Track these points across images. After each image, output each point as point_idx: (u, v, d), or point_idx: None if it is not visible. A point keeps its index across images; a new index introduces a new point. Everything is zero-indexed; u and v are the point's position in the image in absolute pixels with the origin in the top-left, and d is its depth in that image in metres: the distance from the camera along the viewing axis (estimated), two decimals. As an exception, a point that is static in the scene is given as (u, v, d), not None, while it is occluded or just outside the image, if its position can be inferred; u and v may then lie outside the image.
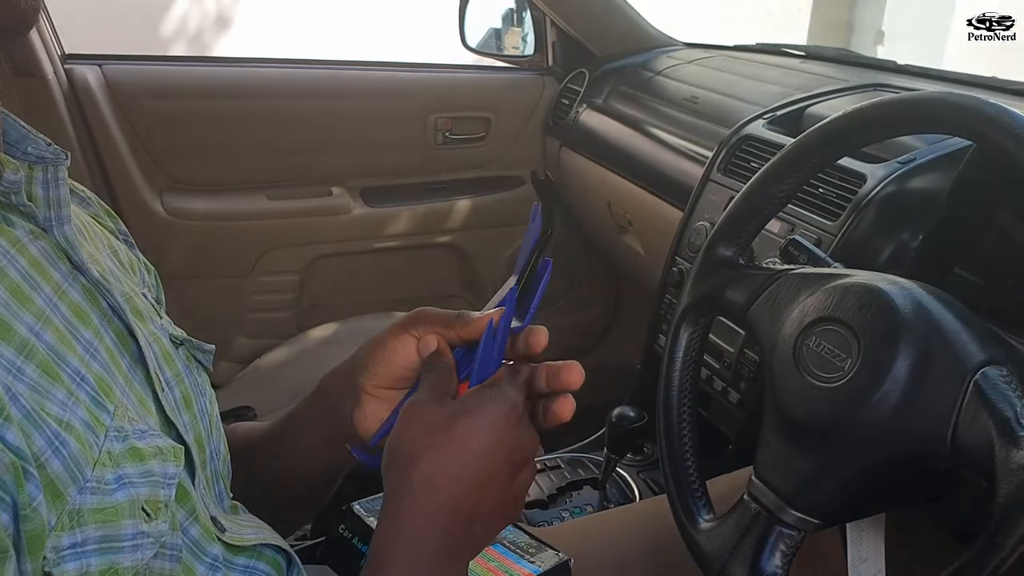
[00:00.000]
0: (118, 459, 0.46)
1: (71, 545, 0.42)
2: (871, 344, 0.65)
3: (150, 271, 0.70)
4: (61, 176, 0.53)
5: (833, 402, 0.66)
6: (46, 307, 0.48)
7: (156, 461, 0.49)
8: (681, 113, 1.53)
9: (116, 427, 0.47)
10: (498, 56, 2.10)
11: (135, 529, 0.45)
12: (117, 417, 0.47)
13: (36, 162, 0.52)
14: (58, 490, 0.42)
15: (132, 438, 0.48)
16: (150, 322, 0.59)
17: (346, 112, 1.81)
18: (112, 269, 0.59)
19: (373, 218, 1.88)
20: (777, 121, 1.27)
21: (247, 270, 1.83)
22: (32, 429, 0.41)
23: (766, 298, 0.77)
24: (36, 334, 0.45)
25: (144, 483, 0.47)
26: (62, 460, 0.42)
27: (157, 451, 0.49)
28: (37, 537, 0.40)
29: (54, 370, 0.45)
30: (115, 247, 0.64)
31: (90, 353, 0.49)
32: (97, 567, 0.43)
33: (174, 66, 1.86)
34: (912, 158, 1.02)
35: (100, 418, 0.46)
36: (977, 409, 0.59)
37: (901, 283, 0.69)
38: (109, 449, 0.46)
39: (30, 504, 0.40)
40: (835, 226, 1.02)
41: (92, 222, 0.63)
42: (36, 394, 0.43)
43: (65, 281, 0.51)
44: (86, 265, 0.53)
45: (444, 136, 1.87)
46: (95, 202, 0.67)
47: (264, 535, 0.62)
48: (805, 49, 1.72)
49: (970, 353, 0.62)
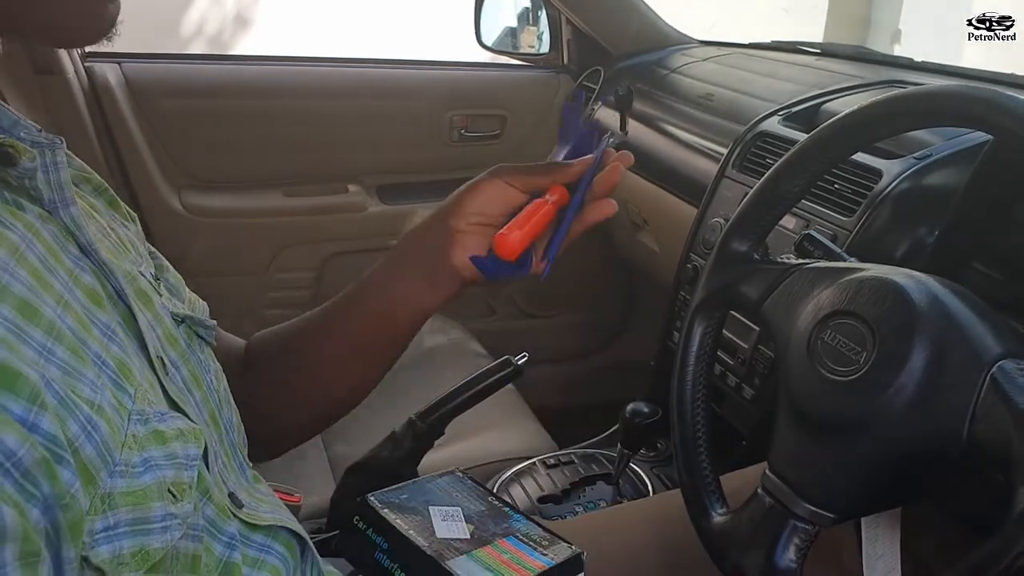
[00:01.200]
0: (143, 442, 0.46)
1: (104, 528, 0.42)
2: (886, 337, 0.65)
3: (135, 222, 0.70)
4: (60, 159, 0.53)
5: (848, 396, 0.66)
6: (64, 291, 0.48)
7: (179, 443, 0.49)
8: (696, 110, 1.53)
9: (138, 410, 0.47)
10: (513, 54, 2.10)
11: (163, 511, 0.46)
12: (138, 400, 0.48)
13: (32, 147, 0.52)
14: (91, 475, 0.42)
15: (153, 421, 0.48)
16: (155, 303, 0.59)
17: (362, 110, 1.81)
18: (114, 249, 0.59)
19: (389, 215, 1.89)
20: (792, 117, 1.27)
21: (264, 267, 1.84)
22: (67, 414, 0.41)
23: (780, 292, 0.77)
24: (60, 317, 0.45)
25: (169, 465, 0.47)
26: (94, 444, 0.42)
27: (179, 433, 0.50)
28: (77, 524, 0.40)
29: (81, 352, 0.45)
30: (114, 226, 0.64)
31: (108, 336, 0.49)
32: (129, 549, 0.43)
33: (193, 64, 1.87)
34: (928, 154, 1.01)
35: (123, 401, 0.46)
36: (994, 402, 0.59)
37: (917, 276, 0.68)
38: (134, 432, 0.46)
39: (68, 492, 0.40)
40: (850, 222, 1.02)
41: (93, 204, 0.63)
42: (68, 377, 0.43)
43: (76, 265, 0.51)
44: (93, 246, 0.52)
45: (460, 134, 1.87)
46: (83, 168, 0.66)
47: (280, 516, 0.63)
48: (820, 47, 1.72)
49: (987, 346, 0.62)
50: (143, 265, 0.63)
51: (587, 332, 2.14)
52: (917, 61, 1.51)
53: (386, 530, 0.77)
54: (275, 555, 0.61)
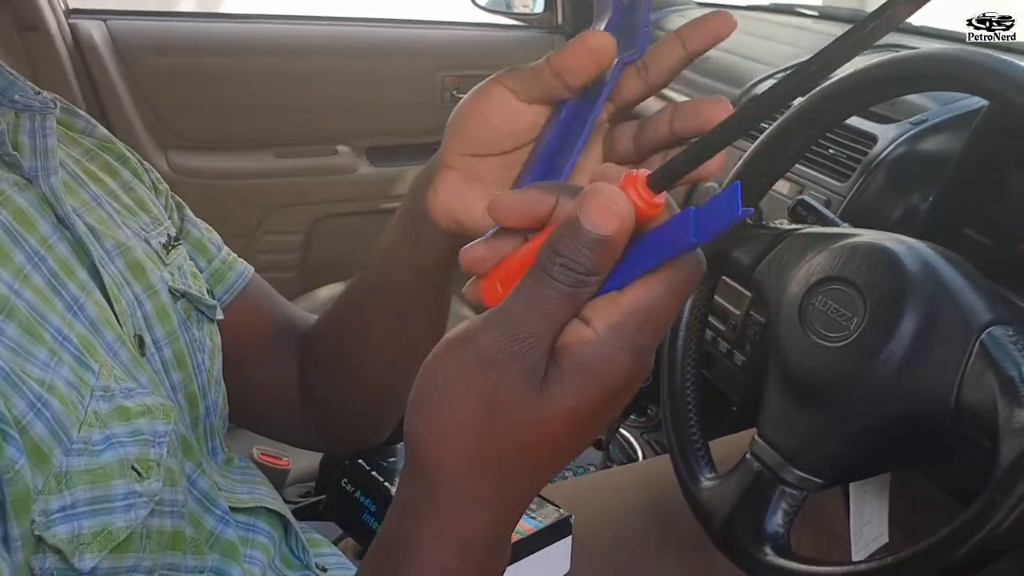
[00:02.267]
0: (105, 419, 0.45)
1: (60, 508, 0.41)
2: (877, 303, 0.65)
3: (160, 192, 0.66)
4: (49, 125, 0.51)
5: (838, 361, 0.66)
6: (27, 263, 0.46)
7: (144, 419, 0.47)
8: (691, 72, 1.51)
9: (102, 387, 0.46)
10: (507, 14, 2.07)
11: (126, 489, 0.44)
12: (102, 376, 0.46)
13: (23, 110, 0.51)
14: (42, 453, 0.41)
15: (119, 397, 0.47)
16: (150, 274, 0.57)
17: (352, 70, 1.79)
18: (110, 217, 0.57)
19: (379, 177, 1.87)
20: (787, 81, 1.25)
21: (252, 229, 1.82)
22: (12, 392, 0.40)
23: (772, 258, 0.76)
24: (16, 292, 0.44)
25: (133, 442, 0.46)
26: (45, 422, 0.41)
27: (145, 409, 0.48)
28: (22, 501, 0.39)
29: (36, 329, 0.44)
30: (126, 185, 0.62)
31: (73, 311, 0.48)
32: (90, 528, 0.42)
33: (180, 22, 1.84)
34: (924, 119, 1.01)
35: (84, 378, 0.45)
36: (982, 368, 0.59)
37: (909, 242, 0.68)
38: (95, 409, 0.44)
39: (12, 467, 0.39)
40: (845, 187, 1.01)
41: (95, 166, 0.61)
42: (16, 356, 0.42)
43: (54, 234, 0.50)
44: (71, 219, 0.51)
45: (451, 95, 1.85)
46: (107, 139, 0.64)
47: (258, 496, 0.62)
48: (819, 9, 1.70)
49: (977, 312, 0.62)
50: (154, 230, 0.61)
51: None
52: (915, 25, 1.49)
53: (374, 492, 0.78)
54: (262, 533, 0.61)
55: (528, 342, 0.32)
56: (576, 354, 0.32)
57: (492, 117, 0.49)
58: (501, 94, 0.48)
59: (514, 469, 0.35)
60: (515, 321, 0.33)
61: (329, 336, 0.70)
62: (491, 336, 0.33)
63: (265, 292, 0.73)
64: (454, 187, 0.51)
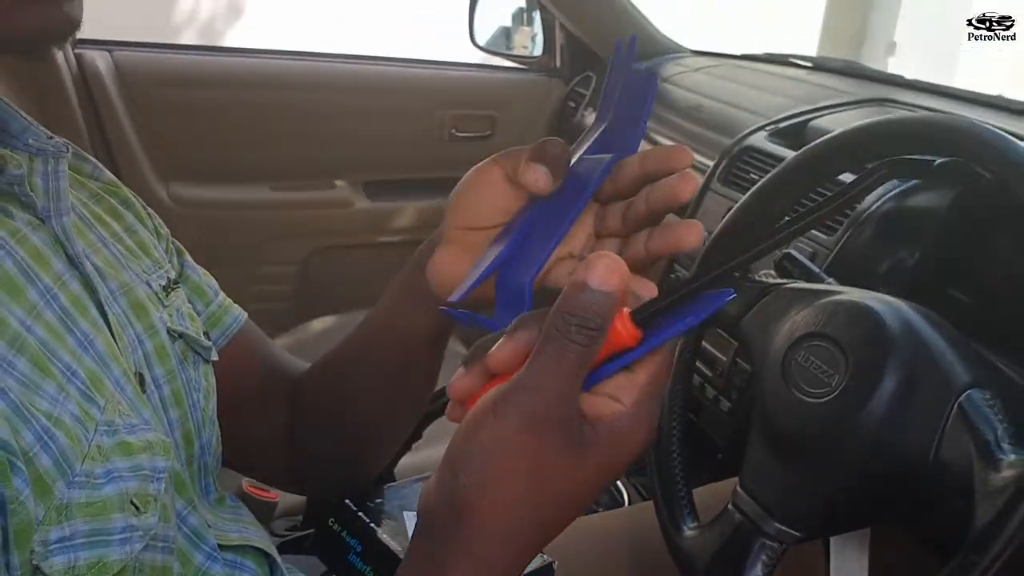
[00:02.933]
0: (108, 453, 0.46)
1: (59, 539, 0.42)
2: (859, 362, 0.66)
3: (161, 236, 0.68)
4: (61, 168, 0.54)
5: (820, 417, 0.67)
6: (40, 300, 0.48)
7: (145, 455, 0.49)
8: (685, 121, 1.54)
9: (106, 421, 0.47)
10: (506, 55, 2.10)
11: (124, 523, 0.46)
12: (107, 411, 0.48)
13: (37, 154, 0.53)
14: (46, 485, 0.42)
15: (122, 432, 0.48)
16: (151, 315, 0.59)
17: (353, 106, 1.81)
18: (116, 258, 0.59)
19: (376, 212, 1.89)
20: (779, 133, 1.28)
21: (248, 260, 1.84)
22: (21, 424, 0.42)
23: (759, 310, 0.78)
24: (27, 328, 0.46)
25: (133, 477, 0.47)
26: (51, 455, 0.43)
27: (147, 445, 0.50)
28: (24, 531, 0.41)
29: (45, 364, 0.45)
30: (129, 228, 0.64)
31: (83, 347, 0.49)
32: (85, 560, 0.43)
33: (184, 55, 1.86)
34: (912, 175, 1.02)
35: (90, 412, 0.47)
36: (960, 431, 0.60)
37: (891, 302, 0.69)
38: (99, 443, 0.46)
39: (17, 498, 0.40)
40: (832, 240, 1.03)
41: (102, 209, 0.63)
42: (26, 389, 0.43)
43: (66, 272, 0.52)
44: (80, 258, 0.53)
45: (450, 133, 1.87)
46: (113, 183, 0.66)
47: (246, 535, 0.63)
48: (812, 60, 1.73)
49: (956, 375, 0.63)
50: (155, 273, 0.63)
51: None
52: (908, 79, 1.52)
53: (360, 533, 0.78)
54: (248, 571, 0.61)
55: (565, 404, 0.38)
56: (612, 424, 0.39)
57: (486, 193, 0.54)
58: (496, 173, 0.54)
59: (548, 519, 0.41)
60: (548, 383, 0.38)
61: (321, 386, 0.73)
62: (530, 399, 0.38)
63: (258, 337, 0.75)
64: (451, 258, 0.56)
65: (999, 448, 0.58)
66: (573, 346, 0.37)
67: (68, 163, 0.56)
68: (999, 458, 0.57)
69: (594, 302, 0.37)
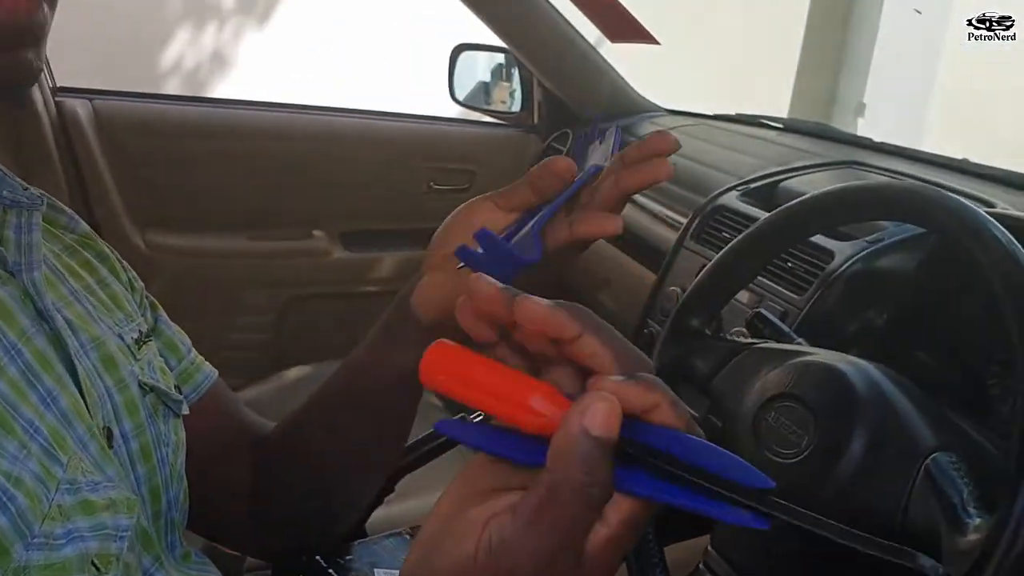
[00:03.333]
0: (68, 512, 0.45)
1: None
2: (828, 424, 0.67)
3: (135, 290, 0.68)
4: (35, 221, 0.53)
5: (789, 478, 0.67)
6: (3, 355, 0.47)
7: (108, 513, 0.48)
8: (660, 179, 1.56)
9: (69, 479, 0.46)
10: (485, 111, 2.13)
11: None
12: (70, 469, 0.47)
13: (11, 206, 0.53)
14: (3, 547, 0.41)
15: (84, 490, 0.47)
16: (121, 368, 0.58)
17: (332, 158, 1.83)
18: (87, 312, 0.58)
19: (353, 262, 1.90)
20: (751, 193, 1.30)
21: (224, 309, 1.83)
22: None
23: (730, 369, 0.79)
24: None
25: (95, 536, 0.46)
26: (9, 516, 0.42)
27: (110, 503, 0.49)
28: None
29: (8, 421, 0.45)
30: (102, 281, 0.64)
31: (46, 403, 0.49)
32: None
33: (163, 104, 1.88)
34: (880, 238, 1.04)
35: (52, 470, 0.46)
36: (926, 494, 0.61)
37: (859, 364, 0.71)
38: (60, 503, 0.45)
39: None
40: (802, 300, 1.04)
41: (76, 262, 0.62)
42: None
43: (32, 327, 0.51)
44: (49, 312, 0.52)
45: (428, 186, 1.89)
46: (88, 235, 0.66)
47: None
48: (783, 121, 1.77)
49: (923, 438, 0.64)
50: (127, 326, 0.63)
51: (545, 387, 2.14)
52: (876, 142, 1.56)
53: (329, 591, 0.77)
54: None
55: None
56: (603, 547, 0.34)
57: (477, 219, 0.59)
58: (485, 203, 0.60)
59: None
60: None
61: (292, 436, 0.72)
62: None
63: (228, 396, 0.75)
64: (438, 282, 0.60)
65: (965, 512, 0.58)
66: (569, 512, 0.33)
67: (43, 215, 0.56)
68: (965, 521, 0.58)
69: (592, 456, 0.32)
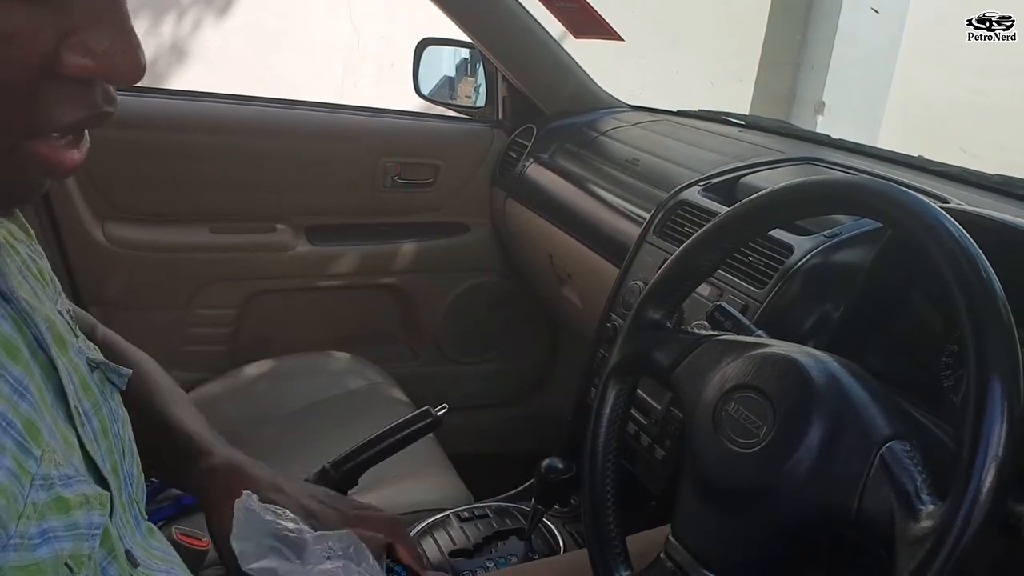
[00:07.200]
0: (43, 511, 0.45)
1: None
2: (786, 413, 0.68)
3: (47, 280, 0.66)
4: None
5: (747, 467, 0.69)
6: None
7: (82, 512, 0.48)
8: (622, 174, 1.57)
9: (42, 475, 0.46)
10: (450, 105, 2.13)
11: None
12: (44, 463, 0.46)
13: None
14: None
15: (58, 486, 0.46)
16: (70, 347, 0.57)
17: (295, 151, 1.82)
18: (32, 289, 0.56)
19: (316, 256, 1.89)
20: (712, 188, 1.32)
21: (185, 302, 1.81)
22: None
23: (690, 361, 0.80)
24: None
25: (69, 536, 0.46)
26: None
27: (83, 500, 0.48)
28: None
29: None
30: (35, 253, 0.62)
31: (19, 393, 0.47)
32: None
33: (123, 95, 1.84)
34: (837, 232, 1.06)
35: (26, 465, 0.45)
36: (881, 481, 0.63)
37: (817, 355, 0.72)
38: (34, 500, 0.44)
39: None
40: (762, 293, 1.06)
41: (11, 231, 0.61)
42: None
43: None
44: (15, 293, 0.51)
45: (393, 180, 1.88)
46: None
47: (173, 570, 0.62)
48: (744, 118, 1.79)
49: (878, 427, 0.66)
50: (59, 300, 0.61)
51: (511, 381, 2.15)
52: (834, 139, 1.59)
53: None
54: None
55: None
56: None
57: None
58: None
59: None
60: None
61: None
62: None
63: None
64: None
65: (919, 499, 0.60)
66: None
67: None
68: (918, 508, 0.59)
69: None
